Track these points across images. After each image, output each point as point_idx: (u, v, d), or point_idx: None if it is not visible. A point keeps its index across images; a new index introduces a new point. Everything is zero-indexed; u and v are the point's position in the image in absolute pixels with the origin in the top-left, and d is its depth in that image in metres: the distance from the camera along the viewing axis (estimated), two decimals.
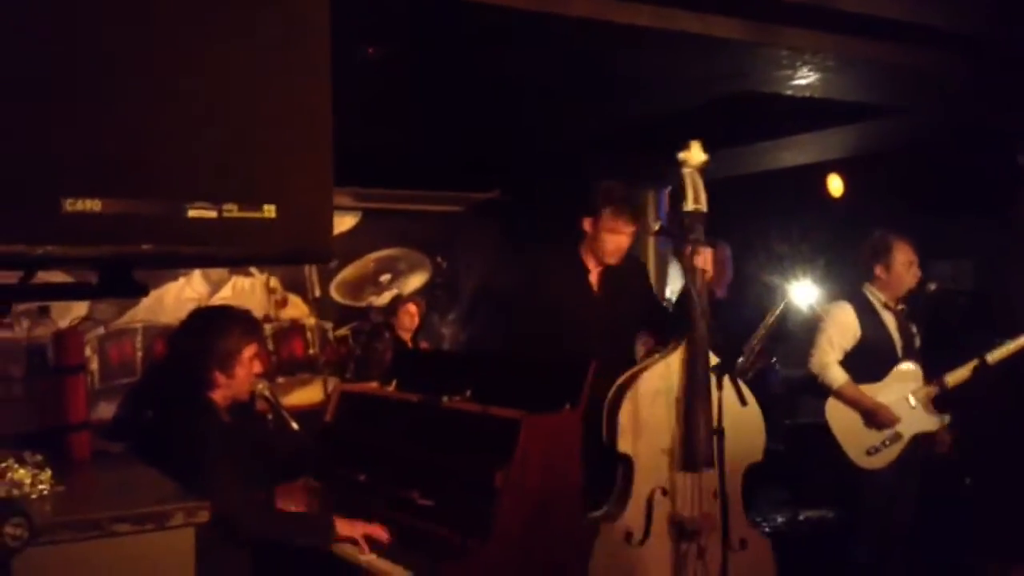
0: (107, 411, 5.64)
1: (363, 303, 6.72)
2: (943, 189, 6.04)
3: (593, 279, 3.89)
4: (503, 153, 6.45)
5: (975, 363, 4.25)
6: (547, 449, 3.17)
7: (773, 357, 6.24)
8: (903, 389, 4.35)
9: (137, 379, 6.03)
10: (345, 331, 6.84)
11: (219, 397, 3.29)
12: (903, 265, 4.32)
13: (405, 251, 6.71)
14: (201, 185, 1.30)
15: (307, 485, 4.02)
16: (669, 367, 3.59)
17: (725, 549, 3.35)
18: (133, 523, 1.90)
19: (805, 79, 4.04)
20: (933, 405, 4.37)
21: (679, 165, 3.65)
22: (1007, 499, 4.84)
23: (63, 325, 2.74)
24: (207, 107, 1.32)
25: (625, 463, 3.47)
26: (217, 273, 6.58)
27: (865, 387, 4.32)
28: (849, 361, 4.34)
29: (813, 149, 6.00)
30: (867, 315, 4.35)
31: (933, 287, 4.35)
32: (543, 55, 4.28)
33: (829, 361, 4.29)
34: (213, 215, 1.31)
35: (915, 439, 4.32)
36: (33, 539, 1.48)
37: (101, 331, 5.94)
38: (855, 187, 6.76)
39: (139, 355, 6.21)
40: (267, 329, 6.60)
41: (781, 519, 5.39)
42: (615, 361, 3.71)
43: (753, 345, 5.59)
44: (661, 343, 4.07)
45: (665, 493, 3.48)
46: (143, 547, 1.92)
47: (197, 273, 6.50)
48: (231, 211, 1.32)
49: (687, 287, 3.68)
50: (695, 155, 3.62)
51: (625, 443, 3.47)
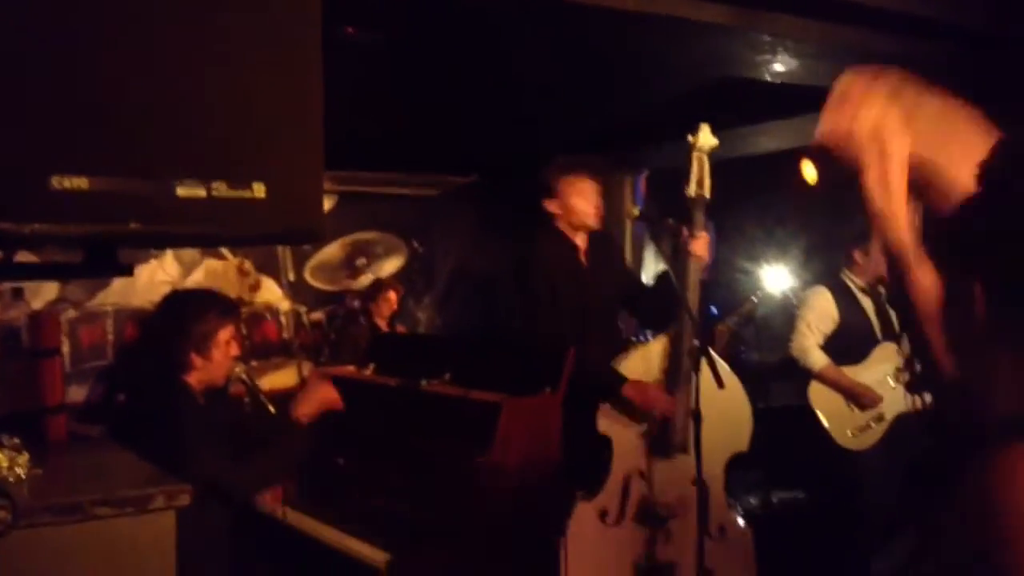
0: (78, 394, 5.57)
1: (338, 287, 6.66)
2: None
3: (581, 255, 3.84)
4: (480, 137, 6.41)
5: None
6: (527, 432, 3.18)
7: (741, 345, 6.28)
8: (883, 370, 4.41)
9: (108, 362, 5.96)
10: (320, 315, 6.79)
11: (195, 380, 3.26)
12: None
13: (381, 235, 6.65)
14: (189, 163, 1.28)
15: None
16: (651, 351, 3.63)
17: (701, 535, 3.37)
18: (114, 506, 1.88)
19: (785, 65, 4.04)
20: (914, 385, 4.42)
21: (688, 147, 3.55)
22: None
23: (37, 307, 2.70)
24: (195, 83, 1.29)
25: (604, 443, 3.50)
26: (189, 255, 6.50)
27: (846, 368, 4.38)
28: (829, 344, 4.40)
29: (790, 135, 6.00)
30: (844, 299, 4.41)
31: None
32: (523, 38, 4.25)
33: (809, 345, 4.34)
34: (202, 194, 1.28)
35: (898, 419, 4.38)
36: (16, 522, 1.45)
37: (72, 314, 5.85)
38: (831, 173, 6.79)
39: (110, 338, 6.13)
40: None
41: (755, 501, 5.44)
42: (604, 337, 3.72)
43: (722, 329, 5.62)
44: (643, 327, 4.09)
45: (642, 476, 3.50)
46: (124, 530, 1.90)
47: (169, 255, 6.41)
48: (220, 190, 1.30)
49: (673, 272, 3.67)
50: (705, 138, 3.53)
51: (604, 424, 3.50)
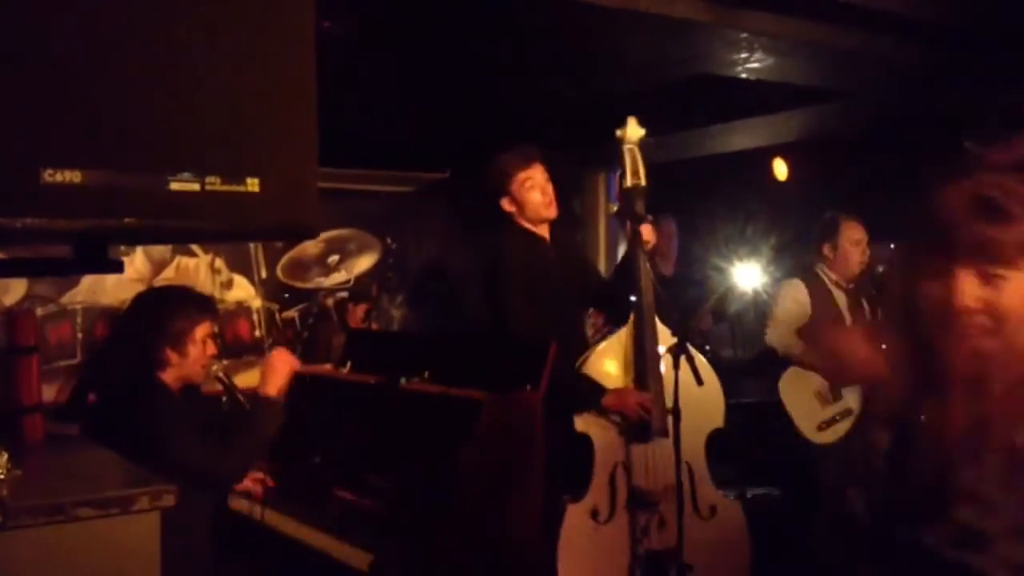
0: (47, 393, 5.47)
1: (311, 284, 6.61)
2: (888, 172, 6.14)
3: (550, 248, 3.84)
4: (454, 133, 6.40)
5: None
6: (508, 429, 3.17)
7: (707, 344, 6.30)
8: None
9: (77, 361, 5.87)
10: (293, 313, 6.72)
11: (171, 378, 3.23)
12: (850, 243, 4.42)
13: (354, 231, 6.61)
14: (183, 157, 1.26)
15: (259, 467, 3.97)
16: (619, 341, 3.66)
17: (679, 526, 3.41)
18: (97, 507, 1.85)
19: (760, 62, 4.07)
20: None
21: (616, 142, 3.73)
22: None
23: (7, 304, 2.65)
24: (189, 77, 1.27)
25: (584, 442, 3.50)
26: (159, 253, 6.42)
27: None
28: (801, 337, 4.42)
29: (762, 133, 6.05)
30: (818, 293, 4.44)
31: (881, 269, 4.43)
32: (498, 33, 4.25)
33: (784, 332, 4.37)
34: (196, 188, 1.27)
35: (866, 415, 4.41)
36: (6, 523, 1.43)
37: (40, 312, 5.75)
38: (801, 170, 6.85)
39: (79, 336, 6.03)
40: None
41: (730, 497, 5.45)
42: (573, 335, 3.74)
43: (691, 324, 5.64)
44: (611, 322, 4.11)
45: (627, 467, 3.52)
46: (107, 532, 1.87)
47: (139, 253, 6.32)
48: (214, 184, 1.28)
49: (627, 261, 3.73)
50: (632, 131, 3.71)
51: (582, 423, 3.50)
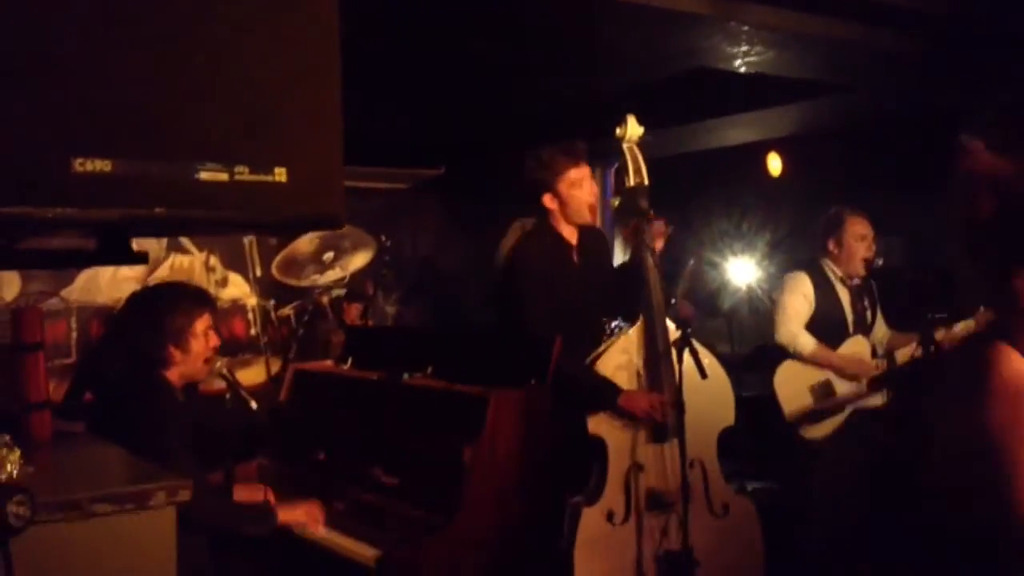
0: None
1: (306, 282, 6.57)
2: (882, 167, 6.16)
3: (573, 253, 3.79)
4: (448, 130, 6.38)
5: (928, 343, 4.29)
6: (515, 424, 3.16)
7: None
8: None
9: (72, 360, 5.84)
10: (288, 311, 6.69)
11: (175, 375, 3.21)
12: (855, 239, 4.38)
13: (349, 229, 6.56)
14: (212, 146, 1.26)
15: (261, 466, 3.95)
16: (629, 341, 3.59)
17: (685, 525, 3.38)
18: (113, 503, 1.84)
19: (760, 56, 4.06)
20: (876, 382, 4.45)
21: (616, 141, 3.67)
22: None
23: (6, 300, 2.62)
24: (217, 66, 1.27)
25: (598, 444, 3.45)
26: (154, 251, 6.38)
27: None
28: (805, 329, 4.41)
29: (757, 127, 6.06)
30: (822, 287, 4.41)
31: (880, 262, 4.42)
32: (492, 28, 4.23)
33: (796, 329, 4.34)
34: (224, 177, 1.26)
35: (856, 413, 4.40)
36: (35, 518, 1.41)
37: None
38: (795, 165, 6.86)
39: (74, 335, 6.00)
40: None
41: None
42: (591, 339, 3.69)
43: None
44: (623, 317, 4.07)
45: (642, 468, 3.47)
46: (123, 528, 1.86)
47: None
48: (242, 173, 1.28)
49: (635, 260, 3.70)
50: (632, 129, 3.65)
51: (594, 424, 3.46)
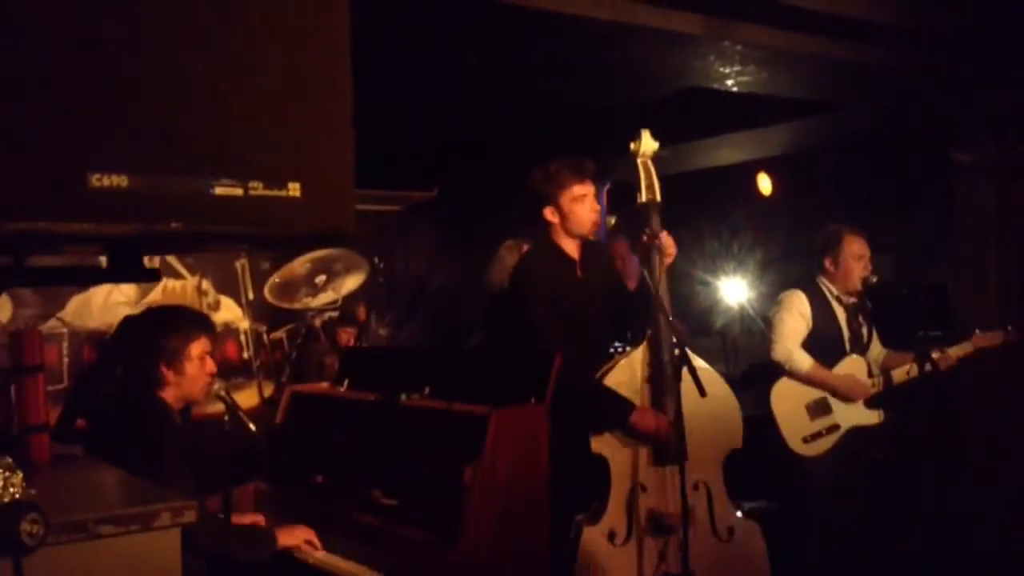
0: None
1: (298, 305, 6.55)
2: (871, 187, 6.21)
3: (577, 268, 3.76)
4: (441, 152, 6.40)
5: (924, 364, 4.29)
6: (515, 443, 3.14)
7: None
8: None
9: (64, 386, 5.79)
10: (280, 334, 6.68)
11: (171, 397, 3.19)
12: (852, 258, 4.37)
13: (341, 251, 6.55)
14: (227, 162, 1.26)
15: (258, 489, 3.92)
16: (633, 363, 3.57)
17: (685, 545, 3.35)
18: (118, 524, 1.82)
19: (752, 75, 4.10)
20: (873, 400, 4.45)
21: (631, 156, 3.62)
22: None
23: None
24: (232, 82, 1.27)
25: (601, 463, 3.44)
26: None
27: None
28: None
29: (747, 147, 6.09)
30: (819, 305, 4.40)
31: (874, 280, 4.43)
32: (490, 48, 4.25)
33: (792, 347, 4.33)
34: (239, 192, 1.26)
35: (852, 431, 4.40)
36: (45, 537, 1.40)
37: None
38: (786, 185, 6.90)
39: (66, 360, 5.97)
40: None
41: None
42: (598, 355, 3.67)
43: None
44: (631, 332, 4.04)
45: (644, 490, 3.45)
46: (128, 549, 1.84)
47: None
48: (256, 188, 1.28)
49: (642, 280, 3.67)
50: (646, 144, 3.60)
51: (598, 443, 3.44)
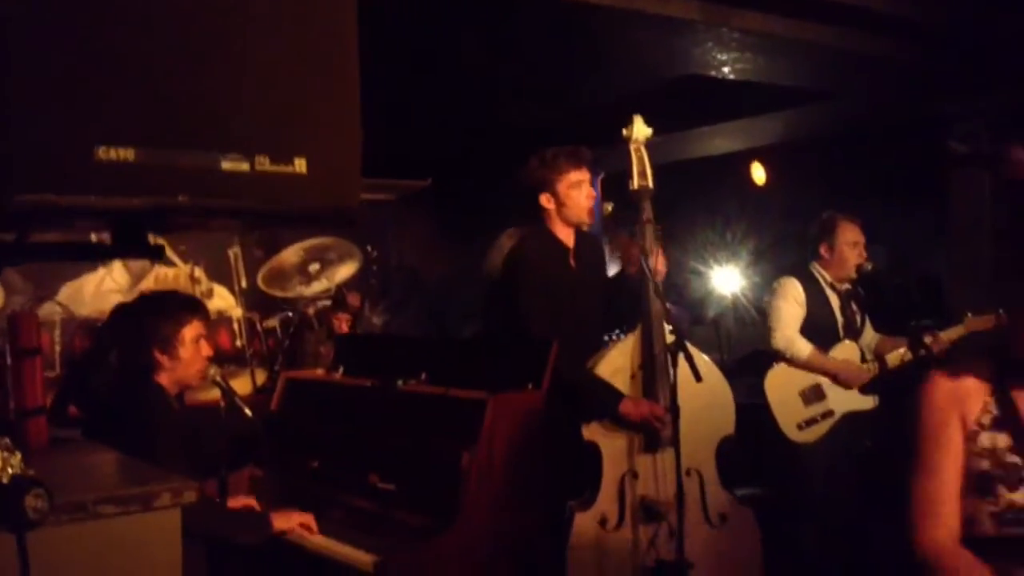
0: None
1: (291, 293, 6.54)
2: (865, 176, 6.23)
3: (571, 257, 3.76)
4: (434, 141, 6.39)
5: (918, 347, 4.32)
6: (512, 429, 3.15)
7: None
8: None
9: (57, 373, 5.76)
10: (274, 322, 6.65)
11: (167, 382, 3.19)
12: (847, 245, 4.41)
13: (335, 240, 6.54)
14: (233, 136, 1.25)
15: (253, 475, 3.92)
16: (626, 348, 3.59)
17: (680, 531, 3.35)
18: (119, 504, 1.82)
19: (749, 62, 4.09)
20: (867, 386, 4.47)
21: (623, 142, 3.61)
22: None
23: None
24: (240, 57, 1.27)
25: (592, 449, 3.45)
26: (138, 263, 6.34)
27: None
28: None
29: (741, 137, 6.10)
30: (813, 291, 4.43)
31: (869, 267, 4.45)
32: (481, 33, 4.24)
33: (792, 335, 4.35)
34: (246, 167, 1.26)
35: (846, 417, 4.42)
36: (48, 515, 1.39)
37: None
38: (779, 174, 6.91)
39: (57, 348, 5.93)
40: None
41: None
42: (589, 343, 3.68)
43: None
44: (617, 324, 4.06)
45: (636, 476, 3.47)
46: (129, 529, 1.84)
47: (118, 263, 6.25)
48: (263, 164, 1.28)
49: (645, 266, 3.66)
50: (639, 130, 3.59)
51: (589, 430, 3.45)
